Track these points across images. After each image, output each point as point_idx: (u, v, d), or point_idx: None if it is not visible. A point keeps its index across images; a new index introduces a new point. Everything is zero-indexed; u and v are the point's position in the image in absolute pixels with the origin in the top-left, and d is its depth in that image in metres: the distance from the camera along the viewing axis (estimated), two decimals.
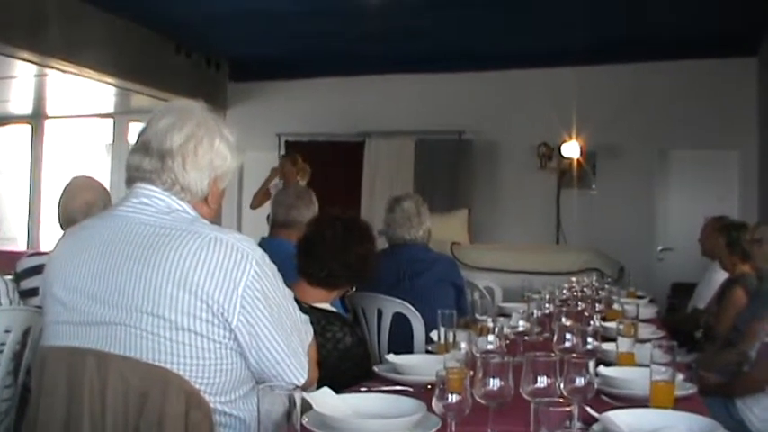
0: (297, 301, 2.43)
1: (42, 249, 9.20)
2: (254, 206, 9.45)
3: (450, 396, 2.07)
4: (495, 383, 2.16)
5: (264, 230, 5.09)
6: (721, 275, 5.88)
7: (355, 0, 7.84)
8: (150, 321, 2.05)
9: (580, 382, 2.25)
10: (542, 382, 2.22)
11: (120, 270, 2.10)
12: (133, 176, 2.28)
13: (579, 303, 4.65)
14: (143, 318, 2.05)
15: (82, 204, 4.05)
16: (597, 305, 4.80)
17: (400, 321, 4.27)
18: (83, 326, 2.12)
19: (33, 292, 3.75)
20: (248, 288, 2.10)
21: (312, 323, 2.54)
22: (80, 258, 2.18)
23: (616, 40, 9.52)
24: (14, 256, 5.18)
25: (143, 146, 2.27)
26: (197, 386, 2.06)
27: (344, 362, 3.28)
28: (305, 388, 2.22)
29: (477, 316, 3.74)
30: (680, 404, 2.46)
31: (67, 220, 4.10)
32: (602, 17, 8.57)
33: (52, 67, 9.11)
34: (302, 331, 2.36)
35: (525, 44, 9.78)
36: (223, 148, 2.32)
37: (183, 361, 2.06)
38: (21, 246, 12.61)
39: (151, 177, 2.24)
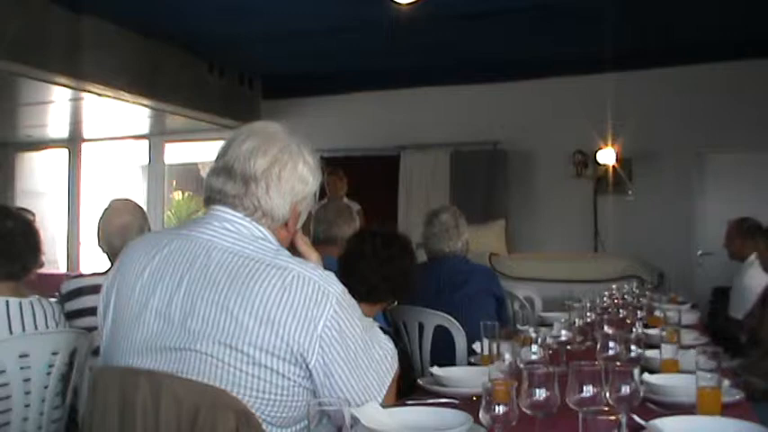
0: None
1: (83, 271, 9.31)
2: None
3: (496, 407, 2.06)
4: (541, 394, 2.16)
5: None
6: (755, 279, 5.82)
7: (383, 14, 7.86)
8: (227, 353, 2.02)
9: (626, 390, 2.23)
10: (588, 391, 2.20)
11: (201, 297, 2.08)
12: (214, 198, 2.26)
13: (620, 311, 4.64)
14: (220, 348, 2.03)
15: (118, 227, 4.12)
16: (639, 312, 4.78)
17: (442, 334, 4.28)
18: (158, 350, 2.10)
19: (78, 313, 3.81)
20: (327, 328, 2.06)
21: None
22: (155, 277, 2.16)
23: (649, 45, 9.49)
24: (57, 279, 5.25)
25: (225, 168, 2.25)
26: (262, 418, 2.04)
27: None
28: None
29: (519, 326, 3.74)
30: (727, 411, 2.44)
31: (105, 242, 4.17)
32: (634, 22, 8.54)
33: (88, 91, 9.24)
34: (381, 367, 2.25)
35: (557, 52, 9.77)
36: (306, 172, 2.29)
37: (254, 395, 2.04)
38: (61, 268, 12.74)
39: (233, 202, 2.22)
